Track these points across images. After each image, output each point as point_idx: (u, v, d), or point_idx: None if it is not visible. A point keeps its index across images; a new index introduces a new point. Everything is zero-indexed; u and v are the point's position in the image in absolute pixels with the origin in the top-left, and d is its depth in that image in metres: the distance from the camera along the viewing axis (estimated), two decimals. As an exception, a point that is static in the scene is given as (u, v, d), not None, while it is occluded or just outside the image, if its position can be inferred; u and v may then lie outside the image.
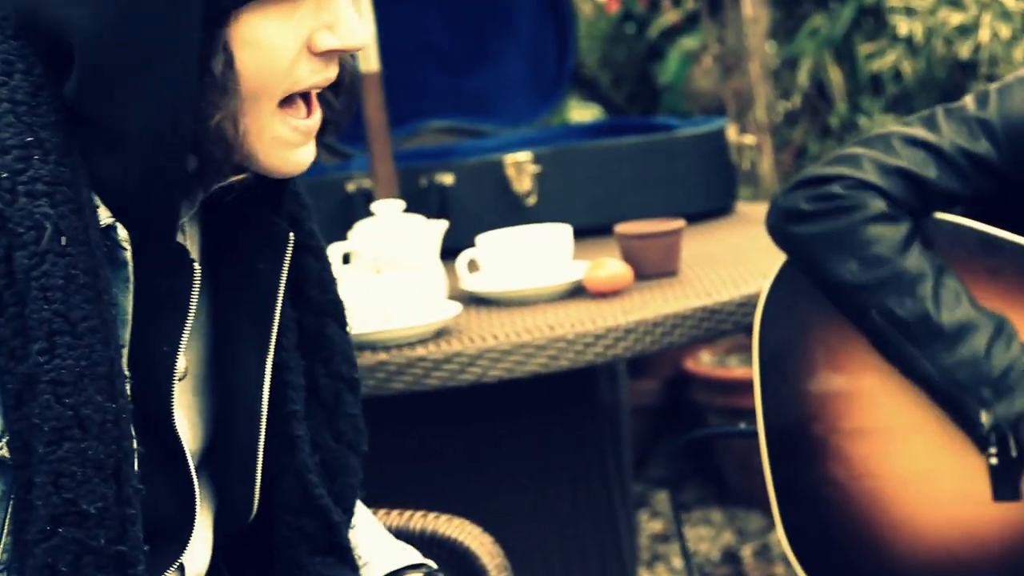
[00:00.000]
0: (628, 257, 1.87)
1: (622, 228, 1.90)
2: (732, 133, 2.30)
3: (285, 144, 0.99)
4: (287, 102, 0.98)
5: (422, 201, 2.15)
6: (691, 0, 3.79)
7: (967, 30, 2.52)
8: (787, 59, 3.32)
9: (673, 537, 2.84)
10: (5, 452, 0.92)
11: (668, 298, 1.76)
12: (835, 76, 3.18)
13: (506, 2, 2.63)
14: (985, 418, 1.38)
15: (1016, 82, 1.45)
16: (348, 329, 1.16)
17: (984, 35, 2.47)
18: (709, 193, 2.27)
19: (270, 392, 1.09)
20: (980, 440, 1.40)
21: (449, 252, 1.93)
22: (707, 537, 2.87)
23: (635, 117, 3.34)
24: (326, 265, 1.15)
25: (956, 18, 2.50)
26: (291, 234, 1.07)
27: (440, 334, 1.68)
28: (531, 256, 1.81)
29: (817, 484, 1.51)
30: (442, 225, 1.85)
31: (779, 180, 3.10)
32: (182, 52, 0.91)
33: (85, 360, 0.92)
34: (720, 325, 1.74)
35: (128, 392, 0.96)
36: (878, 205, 1.42)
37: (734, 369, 2.96)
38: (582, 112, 3.42)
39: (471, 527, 1.29)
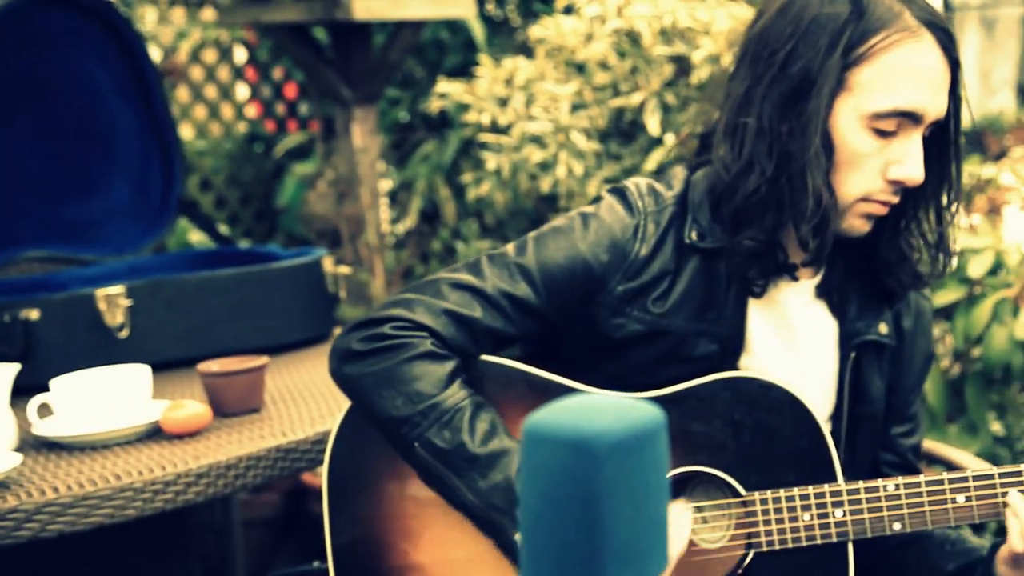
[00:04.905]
0: (211, 395, 1.76)
1: (204, 366, 1.79)
2: (328, 263, 2.25)
3: None
4: None
5: (6, 338, 1.96)
6: (316, 124, 3.76)
7: (547, 166, 2.59)
8: (403, 183, 3.33)
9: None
10: None
11: (244, 439, 1.66)
12: (446, 200, 3.22)
13: (107, 130, 2.47)
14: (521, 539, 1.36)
15: (551, 232, 1.47)
16: None
17: (561, 171, 2.55)
18: (306, 322, 2.20)
19: None
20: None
21: (35, 391, 1.75)
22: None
23: (241, 247, 3.23)
24: None
25: (538, 155, 2.57)
26: None
27: (-3, 488, 1.50)
28: (106, 398, 1.67)
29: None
30: (12, 368, 1.67)
31: (390, 299, 3.08)
32: None
33: None
34: (295, 464, 1.66)
35: None
36: (426, 344, 1.40)
37: (350, 480, 2.88)
38: (199, 234, 3.28)
39: None
